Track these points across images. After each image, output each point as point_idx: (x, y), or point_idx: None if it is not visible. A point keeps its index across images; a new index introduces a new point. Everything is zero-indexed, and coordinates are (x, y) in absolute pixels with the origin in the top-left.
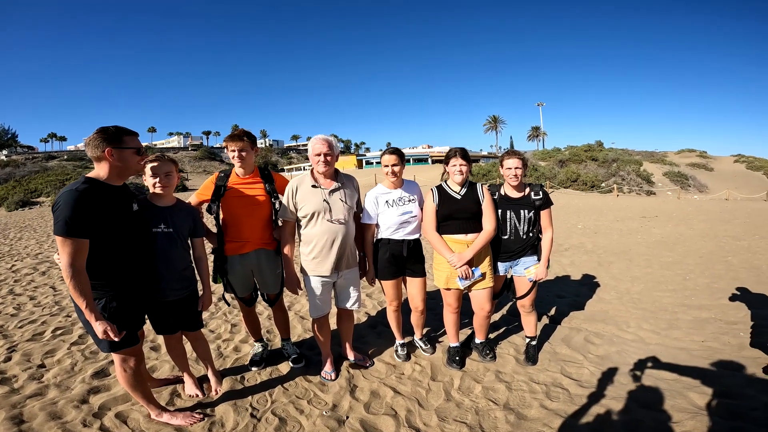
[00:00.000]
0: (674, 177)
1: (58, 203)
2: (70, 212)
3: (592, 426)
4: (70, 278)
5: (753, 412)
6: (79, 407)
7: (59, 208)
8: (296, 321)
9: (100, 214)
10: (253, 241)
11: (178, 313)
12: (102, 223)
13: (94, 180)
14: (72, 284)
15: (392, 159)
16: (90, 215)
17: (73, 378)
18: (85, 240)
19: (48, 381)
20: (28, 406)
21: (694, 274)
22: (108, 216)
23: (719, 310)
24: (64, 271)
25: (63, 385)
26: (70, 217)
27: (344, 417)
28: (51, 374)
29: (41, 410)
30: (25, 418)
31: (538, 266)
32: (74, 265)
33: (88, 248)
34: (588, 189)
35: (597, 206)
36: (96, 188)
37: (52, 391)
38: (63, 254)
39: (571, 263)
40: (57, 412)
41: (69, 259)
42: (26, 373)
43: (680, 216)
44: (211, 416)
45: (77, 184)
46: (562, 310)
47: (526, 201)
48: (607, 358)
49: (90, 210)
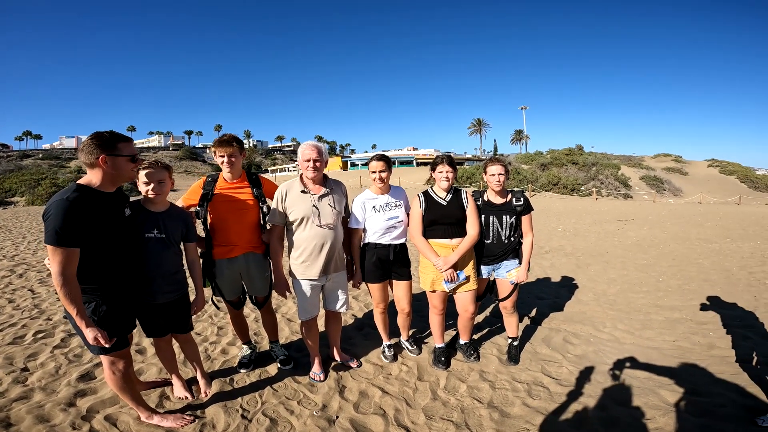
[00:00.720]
0: (650, 181)
1: (49, 212)
2: (60, 222)
3: (572, 422)
4: (60, 286)
5: (721, 408)
6: (66, 410)
7: (50, 217)
8: (284, 323)
9: (91, 223)
10: (241, 245)
11: (169, 316)
12: (93, 231)
13: (85, 187)
14: (63, 292)
15: (380, 165)
16: (80, 224)
17: (58, 381)
18: (76, 249)
19: (33, 384)
20: (15, 409)
21: (666, 276)
22: (99, 223)
23: (690, 310)
24: (55, 279)
25: (48, 389)
26: (60, 227)
27: (334, 417)
28: (35, 377)
29: (28, 413)
30: (12, 421)
31: (519, 269)
32: (65, 273)
33: (79, 255)
34: (568, 192)
35: (576, 209)
36: (87, 196)
37: (38, 395)
38: (54, 263)
39: (551, 265)
40: (44, 415)
41: (59, 268)
42: (10, 377)
43: (655, 219)
44: (202, 418)
45: (68, 192)
46: (543, 312)
47: (508, 207)
48: (584, 357)
49: (81, 219)
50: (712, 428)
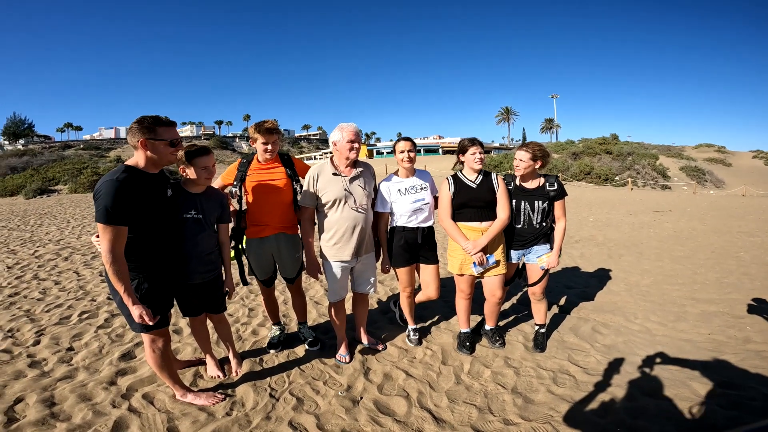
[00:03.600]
0: (691, 172)
1: (100, 192)
2: (110, 201)
3: (597, 411)
4: (109, 264)
5: (752, 402)
6: (107, 389)
7: (101, 196)
8: (312, 305)
9: (138, 202)
10: (273, 225)
11: (203, 296)
12: (139, 210)
13: (132, 168)
14: (111, 269)
15: (408, 145)
16: (129, 203)
17: (101, 360)
18: (125, 227)
19: (77, 364)
20: (59, 389)
21: (704, 269)
22: (145, 203)
23: (727, 304)
24: (104, 257)
25: (92, 368)
26: (111, 206)
27: (358, 398)
28: (79, 357)
29: (71, 392)
30: (56, 400)
31: (550, 255)
32: (114, 251)
33: (127, 234)
34: (601, 182)
35: (610, 199)
36: (134, 176)
37: (81, 374)
38: (103, 240)
39: (581, 255)
40: (87, 394)
41: (109, 245)
42: (55, 357)
43: (694, 211)
44: (232, 396)
45: (117, 172)
46: (571, 301)
47: (541, 192)
48: (613, 347)
49: (129, 198)
50: (741, 421)
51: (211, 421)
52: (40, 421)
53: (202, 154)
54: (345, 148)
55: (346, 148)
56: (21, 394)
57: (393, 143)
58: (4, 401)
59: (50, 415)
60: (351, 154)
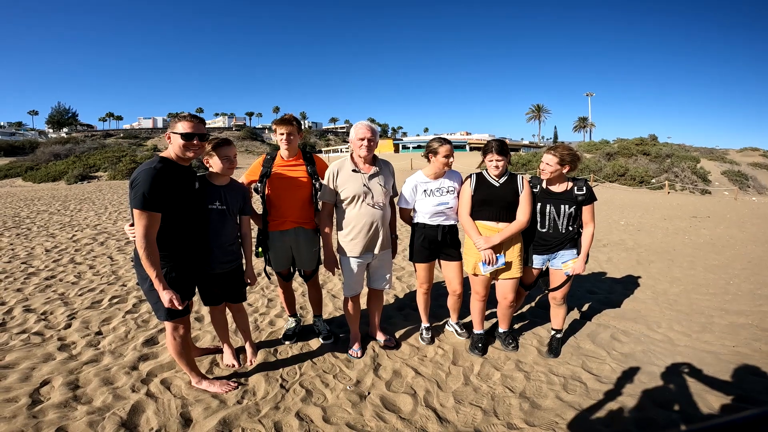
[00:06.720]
0: (733, 176)
1: (137, 179)
2: (147, 187)
3: (603, 420)
4: (143, 249)
5: None
6: (129, 373)
7: (138, 184)
8: (328, 299)
9: (171, 191)
10: (292, 219)
11: (224, 286)
12: (171, 199)
13: (166, 159)
14: (144, 254)
15: (449, 150)
16: (163, 191)
17: (126, 345)
18: (159, 214)
19: (104, 348)
20: (84, 372)
21: (738, 279)
22: (176, 192)
23: (758, 316)
24: (138, 242)
25: (117, 352)
26: (147, 192)
27: (366, 392)
28: (107, 341)
29: (95, 376)
30: (80, 383)
31: (576, 260)
32: (148, 236)
33: (160, 221)
34: (636, 184)
35: (644, 203)
36: (168, 166)
37: (107, 358)
38: (138, 226)
39: (608, 260)
40: (110, 378)
41: (143, 231)
42: (84, 340)
43: (734, 218)
44: (245, 385)
45: (153, 162)
46: (593, 306)
47: (568, 196)
48: (631, 356)
49: (164, 186)
50: None
51: (222, 408)
52: (62, 404)
53: (225, 145)
54: (356, 145)
55: (356, 145)
56: (48, 377)
57: (420, 141)
58: (31, 384)
59: (73, 398)
60: (362, 152)
